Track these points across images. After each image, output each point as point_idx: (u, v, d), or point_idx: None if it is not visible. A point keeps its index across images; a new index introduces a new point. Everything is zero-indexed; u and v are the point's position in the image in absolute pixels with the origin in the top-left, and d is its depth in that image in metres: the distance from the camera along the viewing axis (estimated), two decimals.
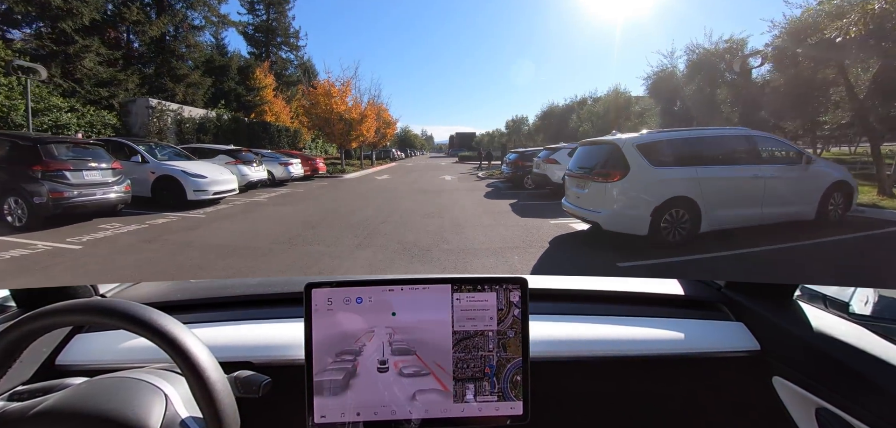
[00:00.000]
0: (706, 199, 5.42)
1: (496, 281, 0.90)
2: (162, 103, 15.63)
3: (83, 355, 1.06)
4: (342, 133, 21.94)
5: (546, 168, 11.14)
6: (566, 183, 6.53)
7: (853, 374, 0.91)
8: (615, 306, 1.25)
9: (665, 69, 13.64)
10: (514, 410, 0.89)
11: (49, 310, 0.67)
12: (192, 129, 17.02)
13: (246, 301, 1.24)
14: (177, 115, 16.37)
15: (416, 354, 0.88)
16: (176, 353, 0.66)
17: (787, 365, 1.05)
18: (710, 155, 5.73)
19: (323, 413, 0.85)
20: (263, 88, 28.51)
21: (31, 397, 0.73)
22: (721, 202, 5.53)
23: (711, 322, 1.20)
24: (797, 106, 8.66)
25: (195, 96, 24.08)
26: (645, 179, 5.24)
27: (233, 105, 25.99)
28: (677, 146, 5.60)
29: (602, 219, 5.36)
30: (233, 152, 11.70)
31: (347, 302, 0.87)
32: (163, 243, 5.86)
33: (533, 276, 1.13)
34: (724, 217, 5.58)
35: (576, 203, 6.01)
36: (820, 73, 8.27)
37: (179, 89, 22.91)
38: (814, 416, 0.98)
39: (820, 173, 6.10)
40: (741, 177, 5.68)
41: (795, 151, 6.24)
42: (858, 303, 1.35)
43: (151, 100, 15.41)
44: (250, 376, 0.82)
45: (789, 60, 8.32)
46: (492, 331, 0.89)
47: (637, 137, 5.50)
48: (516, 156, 14.20)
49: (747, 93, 11.40)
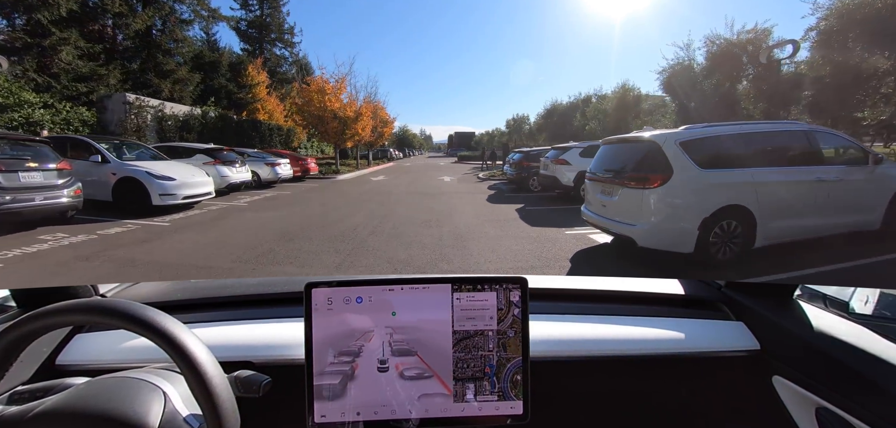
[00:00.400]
0: (763, 207, 4.43)
1: (496, 280, 0.89)
2: (140, 99, 14.56)
3: (83, 355, 1.05)
4: (336, 132, 20.89)
5: (555, 169, 10.12)
6: (587, 188, 5.54)
7: (853, 373, 0.90)
8: (615, 306, 1.23)
9: (681, 62, 12.64)
10: (515, 410, 0.88)
11: (49, 310, 0.67)
12: (175, 127, 15.95)
13: (246, 301, 1.23)
14: (158, 112, 15.28)
15: (416, 354, 0.87)
16: (175, 352, 0.65)
17: (787, 364, 1.04)
18: (766, 154, 4.74)
19: (323, 412, 0.84)
20: (256, 86, 27.43)
21: (31, 397, 0.74)
22: (779, 211, 4.55)
23: (711, 322, 1.18)
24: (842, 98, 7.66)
25: (183, 93, 23.00)
26: (692, 184, 4.25)
27: (223, 102, 24.91)
28: (728, 143, 4.61)
29: (637, 234, 4.37)
30: (212, 152, 10.66)
31: (347, 302, 0.86)
32: (102, 261, 4.85)
33: (533, 276, 1.10)
34: (781, 229, 4.59)
35: (601, 213, 5.01)
36: (867, 62, 7.29)
37: (165, 85, 21.83)
38: (814, 415, 0.97)
39: (889, 176, 5.11)
40: (803, 180, 4.69)
41: (860, 149, 5.25)
42: (858, 302, 1.26)
43: (129, 95, 14.35)
44: (250, 376, 0.81)
45: (837, 46, 7.31)
46: (492, 330, 0.88)
47: (680, 133, 4.50)
48: (521, 156, 13.18)
49: (775, 86, 10.44)
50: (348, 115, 21.03)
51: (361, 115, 21.99)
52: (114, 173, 7.77)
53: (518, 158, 13.24)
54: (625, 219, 4.59)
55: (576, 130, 22.70)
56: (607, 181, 4.93)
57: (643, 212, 4.35)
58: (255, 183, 12.71)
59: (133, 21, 20.31)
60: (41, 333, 0.68)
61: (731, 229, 4.40)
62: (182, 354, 0.65)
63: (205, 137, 16.82)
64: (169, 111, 15.78)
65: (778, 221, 4.54)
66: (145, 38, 21.50)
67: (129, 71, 19.95)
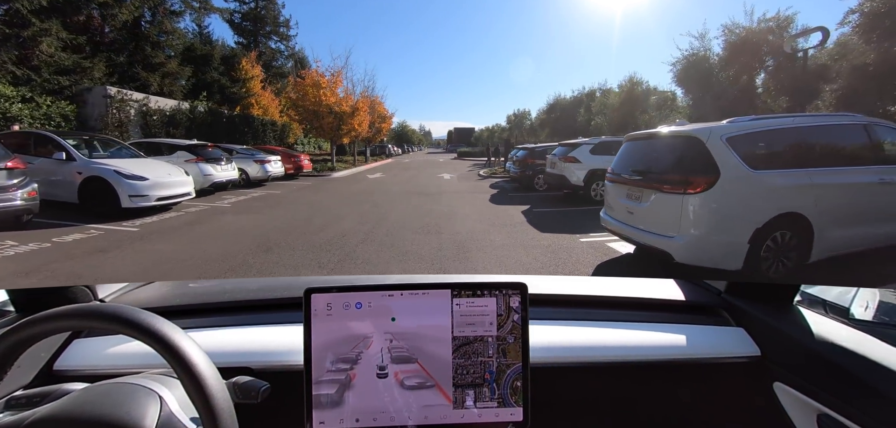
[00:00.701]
0: (822, 215, 3.73)
1: (496, 286, 0.88)
2: (122, 92, 13.77)
3: (81, 360, 1.04)
4: (332, 127, 20.09)
5: (563, 167, 9.38)
6: (608, 191, 4.83)
7: (855, 379, 0.89)
8: (616, 311, 1.21)
9: (696, 53, 11.87)
10: (515, 416, 0.87)
11: (46, 315, 0.66)
12: (161, 122, 15.16)
13: (245, 306, 1.22)
14: (142, 106, 14.50)
15: (415, 361, 0.87)
16: (172, 358, 0.65)
17: (788, 371, 1.04)
18: (822, 151, 4.04)
19: (321, 419, 0.84)
20: (250, 80, 26.55)
21: (28, 403, 0.75)
22: (839, 219, 3.85)
23: (712, 327, 1.17)
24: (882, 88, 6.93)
25: (173, 87, 22.15)
26: (743, 188, 3.55)
27: (216, 97, 24.06)
28: (780, 139, 3.90)
29: (675, 248, 3.66)
30: (194, 148, 9.92)
31: (347, 307, 0.86)
32: (44, 276, 4.15)
33: (532, 279, 1.06)
34: (839, 240, 3.90)
35: (626, 220, 4.31)
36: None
37: (154, 79, 20.95)
38: (815, 422, 0.96)
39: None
40: (864, 182, 3.99)
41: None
42: (859, 307, 1.22)
43: (110, 89, 13.55)
44: (249, 382, 0.80)
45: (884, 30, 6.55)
46: (491, 336, 0.88)
47: (725, 127, 3.78)
48: (525, 153, 12.42)
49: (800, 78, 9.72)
50: (344, 109, 20.24)
51: (358, 110, 21.20)
52: (79, 172, 7.04)
53: (522, 155, 12.49)
54: (658, 229, 3.88)
55: (580, 126, 21.93)
56: (634, 184, 4.22)
57: (682, 221, 3.65)
58: (244, 181, 11.97)
59: (120, 11, 19.45)
60: (39, 338, 0.68)
61: (785, 241, 3.70)
62: (179, 359, 0.64)
63: (193, 133, 16.04)
64: (154, 105, 14.97)
65: (837, 231, 3.84)
66: (133, 29, 20.66)
67: (115, 64, 19.10)
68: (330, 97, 19.86)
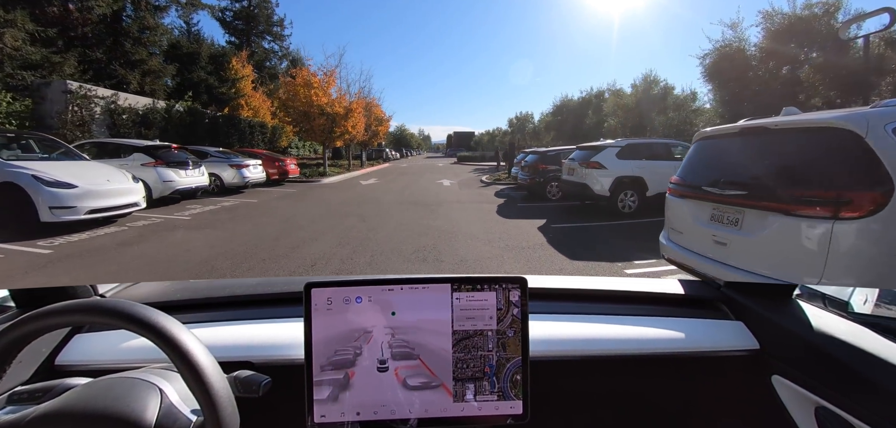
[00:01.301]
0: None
1: (496, 280, 0.86)
2: (84, 87, 12.38)
3: (83, 355, 1.02)
4: (324, 129, 18.66)
5: (585, 174, 8.00)
6: (673, 210, 3.46)
7: (853, 372, 0.88)
8: (615, 305, 1.21)
9: (729, 44, 10.50)
10: (514, 410, 0.86)
11: (48, 310, 0.65)
12: (131, 121, 13.77)
13: (246, 301, 1.22)
14: (109, 104, 13.11)
15: (415, 354, 0.86)
16: (174, 352, 0.64)
17: (786, 364, 1.02)
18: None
19: (322, 413, 0.82)
20: (240, 80, 25.15)
21: (30, 398, 0.74)
22: None
23: (711, 321, 1.16)
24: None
25: (155, 85, 20.75)
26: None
27: (203, 97, 22.68)
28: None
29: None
30: (153, 151, 8.54)
31: (347, 302, 0.84)
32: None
33: (532, 277, 1.06)
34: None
35: (713, 255, 2.92)
36: None
37: (133, 77, 19.57)
38: (813, 415, 0.95)
39: None
40: None
41: None
42: (858, 301, 1.19)
43: (71, 83, 12.16)
44: (250, 376, 0.79)
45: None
46: (491, 330, 0.86)
47: (888, 111, 2.41)
48: (536, 157, 11.04)
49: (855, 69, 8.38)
50: (338, 111, 18.83)
51: (353, 112, 19.78)
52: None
53: (532, 160, 11.11)
54: (777, 272, 2.49)
55: (588, 128, 20.61)
56: (729, 201, 2.84)
57: (829, 262, 2.26)
58: (216, 188, 10.59)
59: (97, 4, 18.11)
60: (40, 333, 0.67)
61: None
62: (180, 353, 0.64)
63: (169, 135, 14.66)
64: (123, 103, 13.57)
65: None
66: (113, 24, 19.31)
67: (90, 60, 17.76)
68: (322, 97, 18.45)
